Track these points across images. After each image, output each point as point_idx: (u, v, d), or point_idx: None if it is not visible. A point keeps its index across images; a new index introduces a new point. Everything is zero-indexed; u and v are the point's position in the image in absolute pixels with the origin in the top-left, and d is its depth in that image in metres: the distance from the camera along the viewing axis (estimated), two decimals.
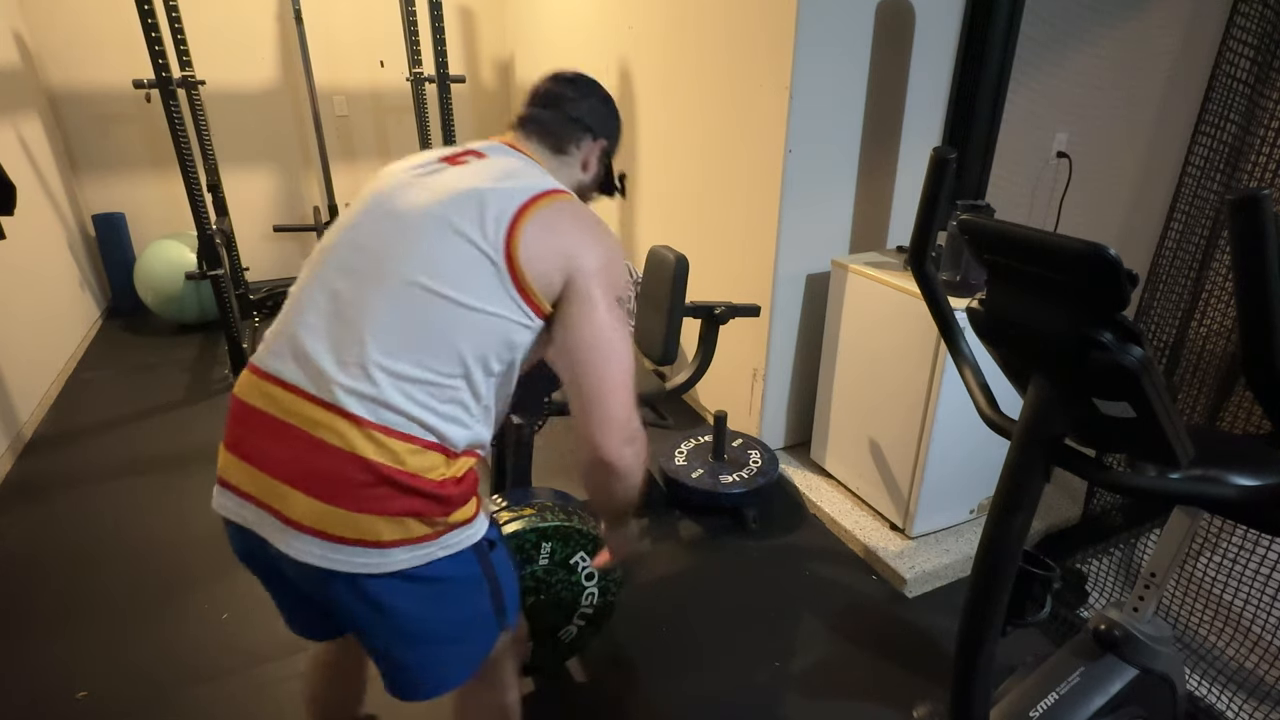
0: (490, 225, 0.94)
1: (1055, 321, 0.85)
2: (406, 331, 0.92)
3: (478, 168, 1.02)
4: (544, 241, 0.95)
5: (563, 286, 0.97)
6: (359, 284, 0.94)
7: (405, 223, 0.96)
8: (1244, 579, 1.72)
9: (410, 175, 1.03)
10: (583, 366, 0.97)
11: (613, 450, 1.00)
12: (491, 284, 0.93)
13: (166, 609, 1.99)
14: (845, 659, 1.85)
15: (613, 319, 0.98)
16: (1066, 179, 2.70)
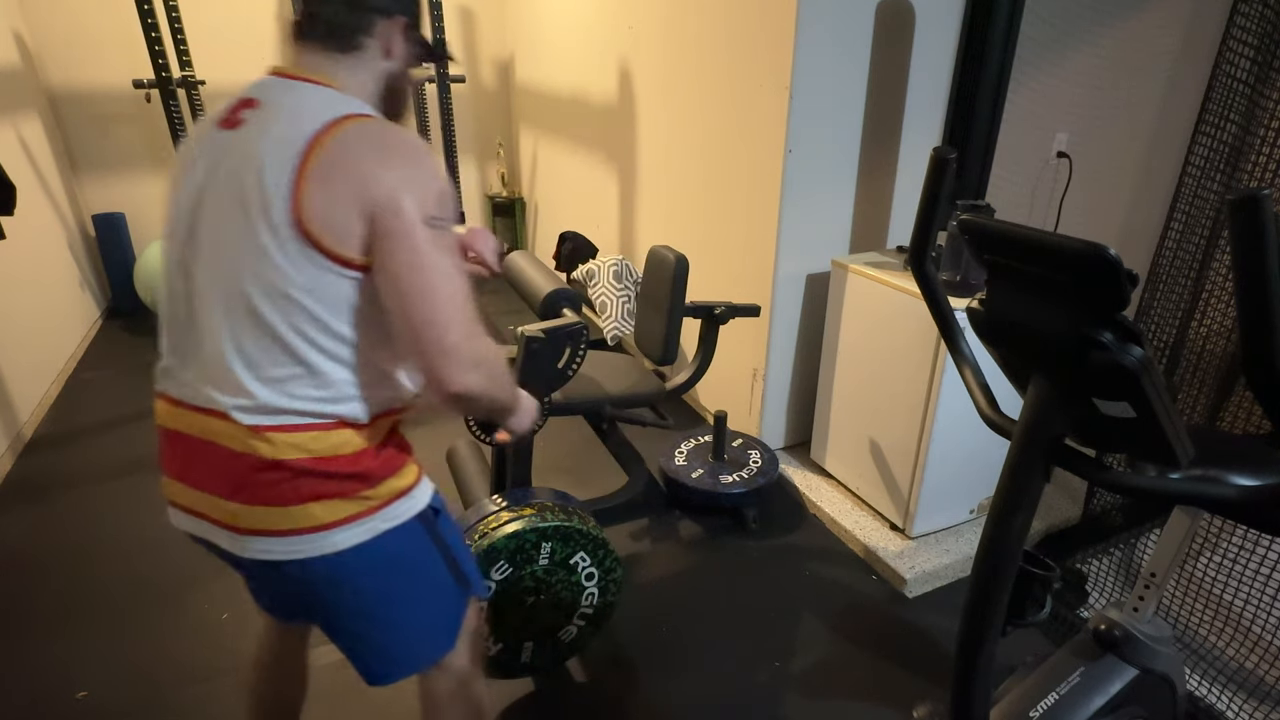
0: (277, 206, 0.86)
1: (1055, 321, 0.85)
2: (250, 338, 0.90)
3: (251, 129, 0.90)
4: (328, 193, 0.86)
5: (368, 227, 0.87)
6: (196, 304, 0.93)
7: (206, 232, 0.91)
8: (1244, 579, 1.72)
9: (196, 164, 0.93)
10: (406, 301, 0.88)
11: (457, 381, 0.91)
12: (296, 260, 0.87)
13: (166, 609, 1.99)
14: (845, 659, 1.85)
15: (428, 243, 0.88)
16: (1066, 179, 2.70)
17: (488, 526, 1.56)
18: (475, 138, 5.10)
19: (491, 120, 5.11)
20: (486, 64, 4.94)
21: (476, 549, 1.51)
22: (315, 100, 0.92)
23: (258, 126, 0.90)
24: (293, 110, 0.90)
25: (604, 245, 3.78)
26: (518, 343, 1.71)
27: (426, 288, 0.88)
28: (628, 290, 3.22)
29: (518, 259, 2.08)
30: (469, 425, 1.88)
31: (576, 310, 1.84)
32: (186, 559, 2.18)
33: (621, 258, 3.29)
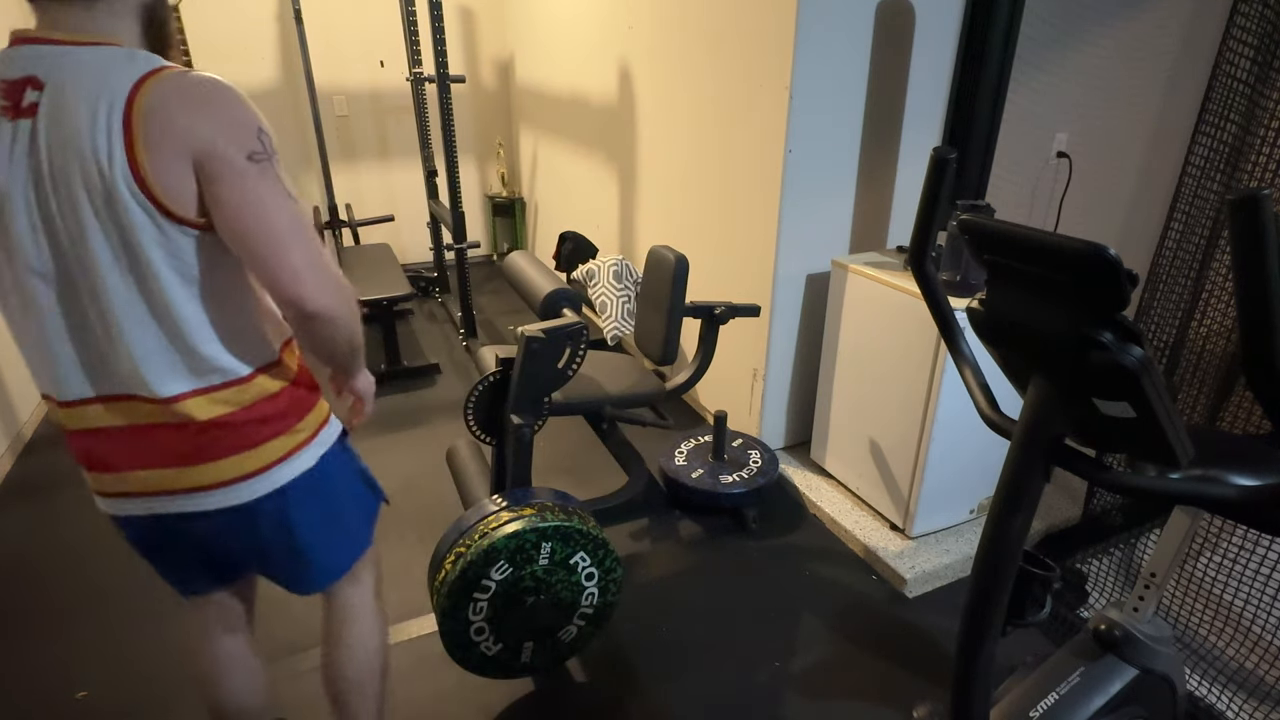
0: (121, 187, 0.85)
1: (1055, 321, 0.85)
2: (134, 320, 0.92)
3: (53, 113, 0.84)
4: (160, 161, 0.85)
5: (197, 179, 0.87)
6: (63, 306, 0.92)
7: (53, 235, 0.88)
8: (1244, 579, 1.72)
9: (3, 165, 0.86)
10: (248, 237, 0.89)
11: (312, 299, 0.92)
12: (154, 232, 0.88)
13: (166, 609, 1.99)
14: (845, 659, 1.85)
15: (255, 179, 0.88)
16: (1066, 179, 2.71)
17: (488, 526, 1.56)
18: (475, 138, 5.10)
19: (491, 120, 5.11)
20: (486, 64, 4.94)
21: (476, 549, 1.51)
22: (101, 64, 0.85)
23: (58, 109, 0.84)
24: (86, 83, 0.84)
25: (604, 245, 3.78)
26: (518, 343, 1.71)
27: (264, 218, 0.89)
28: (628, 290, 3.22)
29: (518, 259, 2.08)
30: (469, 425, 1.88)
31: (576, 310, 1.84)
32: None
33: (621, 258, 3.30)
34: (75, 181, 0.85)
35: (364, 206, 4.74)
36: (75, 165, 0.84)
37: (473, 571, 1.50)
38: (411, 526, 2.34)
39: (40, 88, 0.84)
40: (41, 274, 0.90)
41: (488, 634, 1.58)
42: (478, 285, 4.79)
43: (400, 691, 1.74)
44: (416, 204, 4.80)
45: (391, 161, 4.82)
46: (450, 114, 3.44)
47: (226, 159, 0.86)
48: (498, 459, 1.97)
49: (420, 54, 3.80)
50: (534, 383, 1.76)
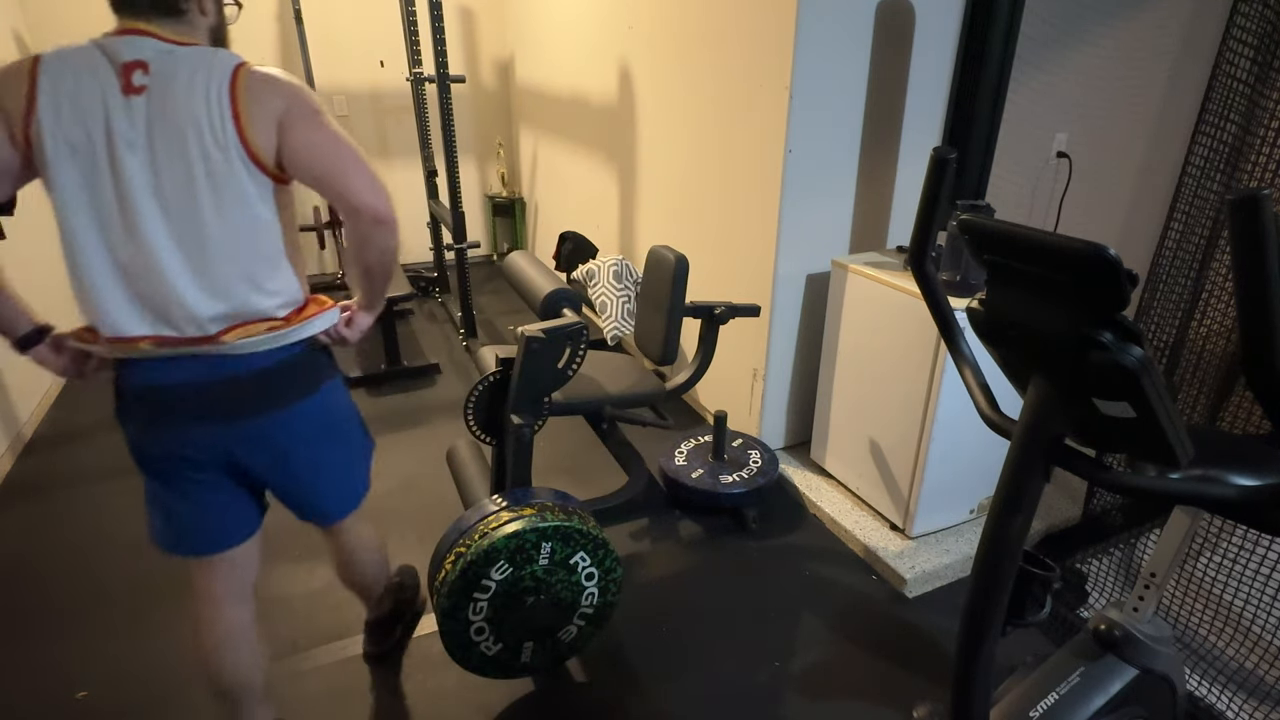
0: (232, 148, 1.10)
1: (1055, 321, 0.85)
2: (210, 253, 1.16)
3: (163, 91, 1.08)
4: (256, 127, 1.11)
5: (278, 136, 1.13)
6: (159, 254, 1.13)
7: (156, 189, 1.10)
8: (1244, 579, 1.72)
9: (111, 133, 1.08)
10: (330, 160, 1.15)
11: (384, 205, 1.19)
12: (251, 183, 1.14)
13: (166, 609, 1.99)
14: (845, 659, 1.85)
15: (322, 123, 1.16)
16: (1066, 179, 2.70)
17: (488, 526, 1.56)
18: (475, 138, 5.10)
19: (491, 120, 5.11)
20: (486, 64, 4.95)
21: (476, 549, 1.51)
22: (199, 59, 1.10)
23: (166, 90, 1.08)
24: (191, 72, 1.09)
25: (604, 245, 3.78)
26: (518, 343, 1.71)
27: (338, 149, 1.16)
28: (628, 290, 3.22)
29: (518, 259, 2.08)
30: (469, 425, 1.88)
31: (576, 310, 1.84)
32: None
33: (621, 258, 3.29)
34: (188, 141, 1.08)
35: None
36: (188, 130, 1.08)
37: (473, 571, 1.50)
38: (411, 526, 2.34)
39: (148, 72, 1.08)
40: (155, 211, 1.10)
41: (488, 634, 1.58)
42: (478, 285, 4.79)
43: (400, 691, 1.74)
44: (416, 204, 4.80)
45: (392, 161, 4.82)
46: (450, 114, 3.44)
47: (300, 114, 1.13)
48: (498, 459, 1.97)
49: (420, 54, 3.80)
50: (534, 383, 1.76)
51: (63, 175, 1.08)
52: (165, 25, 1.12)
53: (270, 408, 1.24)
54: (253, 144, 1.11)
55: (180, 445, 1.22)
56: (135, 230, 1.10)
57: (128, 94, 1.07)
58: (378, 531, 1.65)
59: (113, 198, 1.09)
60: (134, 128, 1.07)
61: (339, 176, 1.16)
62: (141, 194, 1.09)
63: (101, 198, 1.09)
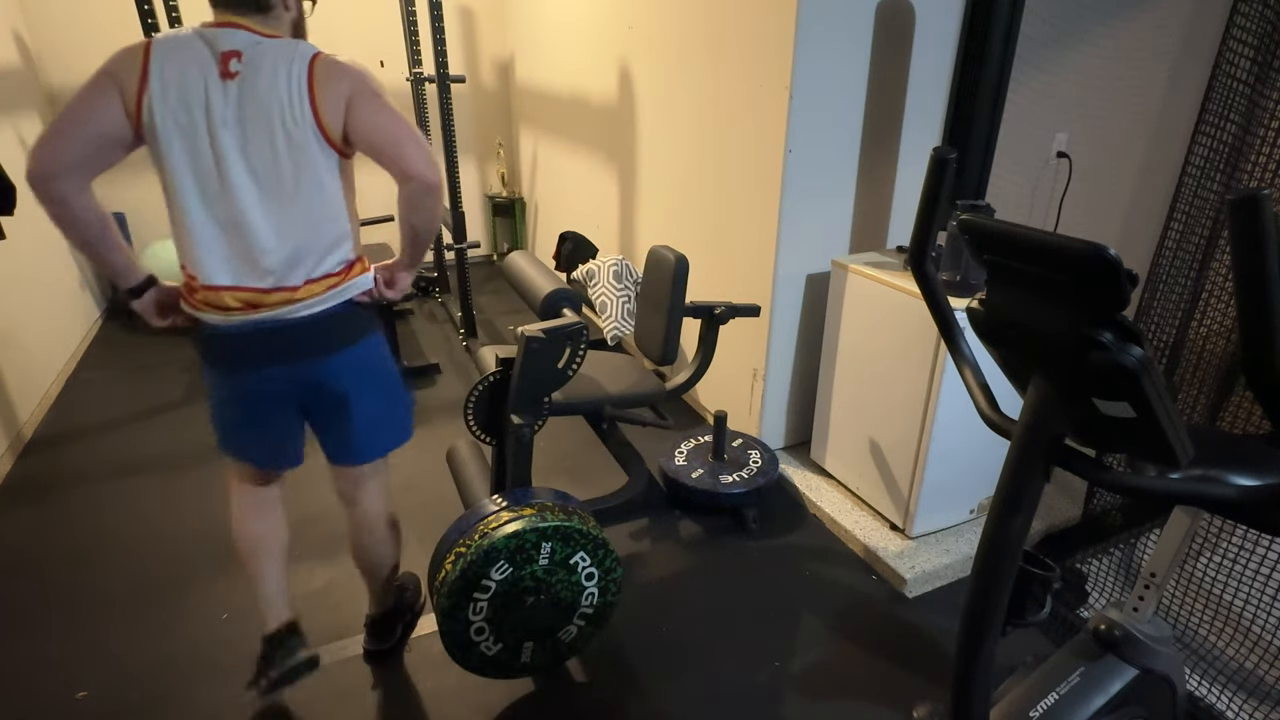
0: (305, 123, 1.29)
1: (1055, 321, 0.85)
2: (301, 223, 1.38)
3: (252, 76, 1.28)
4: (327, 106, 1.30)
5: (345, 115, 1.31)
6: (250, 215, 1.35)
7: (244, 156, 1.31)
8: (1244, 579, 1.72)
9: (211, 111, 1.28)
10: (388, 133, 1.33)
11: (433, 174, 1.35)
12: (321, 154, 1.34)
13: (166, 609, 1.99)
14: (845, 659, 1.85)
15: (383, 103, 1.34)
16: (1066, 179, 2.71)
17: (488, 526, 1.56)
18: (475, 138, 5.10)
19: (491, 120, 5.11)
20: (486, 64, 4.95)
21: (476, 549, 1.51)
22: (283, 50, 1.29)
23: (254, 75, 1.27)
24: (276, 61, 1.28)
25: (604, 245, 3.78)
26: (518, 343, 1.71)
27: (397, 125, 1.33)
28: (628, 290, 3.22)
29: (518, 259, 2.08)
30: (469, 425, 1.88)
31: (576, 310, 1.84)
32: (186, 559, 2.18)
33: (621, 258, 3.29)
34: (273, 119, 1.28)
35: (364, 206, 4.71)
36: (273, 110, 1.27)
37: (473, 571, 1.50)
38: (411, 526, 2.34)
39: (241, 60, 1.27)
40: (248, 182, 1.31)
41: (488, 634, 1.58)
42: (478, 285, 4.79)
43: (400, 691, 1.74)
44: None
45: None
46: (450, 114, 3.44)
47: (364, 95, 1.31)
48: (498, 459, 1.97)
49: (420, 54, 3.80)
50: (534, 383, 1.76)
51: (171, 147, 1.28)
52: (256, 19, 1.31)
53: (321, 353, 1.44)
54: (324, 121, 1.30)
55: (252, 381, 1.45)
56: (229, 195, 1.30)
57: (224, 79, 1.27)
58: (394, 512, 1.75)
59: (211, 166, 1.29)
60: (228, 108, 1.27)
61: (395, 146, 1.33)
62: (234, 164, 1.29)
63: (202, 166, 1.29)
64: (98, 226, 1.34)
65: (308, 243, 1.36)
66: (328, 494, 2.43)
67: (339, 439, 1.57)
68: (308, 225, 1.36)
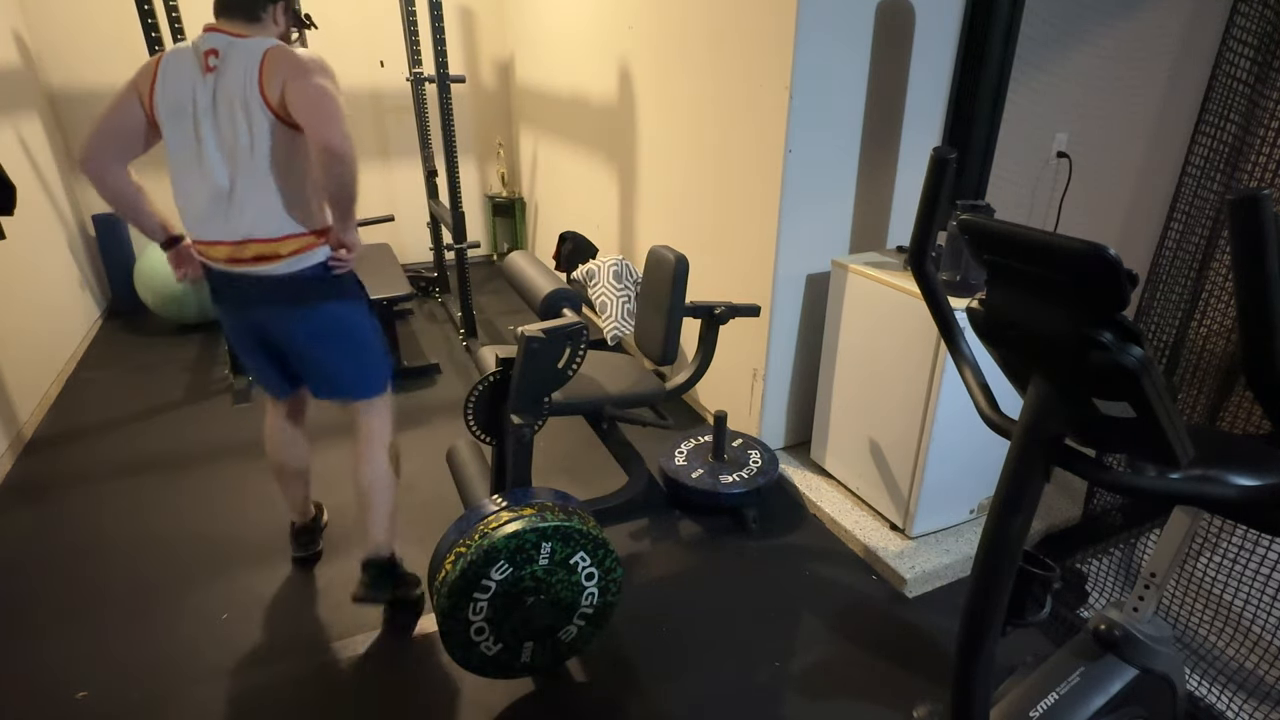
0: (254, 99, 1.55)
1: (1055, 321, 0.85)
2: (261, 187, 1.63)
3: (224, 69, 1.55)
4: (271, 83, 1.54)
5: (283, 91, 1.54)
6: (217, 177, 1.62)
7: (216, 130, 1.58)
8: (1244, 579, 1.72)
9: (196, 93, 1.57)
10: (311, 104, 1.53)
11: (338, 142, 1.53)
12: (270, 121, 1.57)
13: (166, 609, 1.99)
14: (845, 659, 1.85)
15: (316, 81, 1.54)
16: (1066, 179, 2.71)
17: (488, 526, 1.56)
18: (475, 138, 5.10)
19: (491, 120, 5.11)
20: (486, 64, 4.95)
21: (476, 549, 1.51)
22: (249, 46, 1.56)
23: (226, 69, 1.55)
24: (240, 54, 1.55)
25: (604, 245, 3.78)
26: (518, 343, 1.71)
27: (323, 98, 1.54)
28: (628, 290, 3.22)
29: (518, 259, 2.08)
30: (469, 425, 1.88)
31: (576, 310, 1.84)
32: (186, 559, 2.18)
33: (621, 258, 3.30)
34: (235, 101, 1.54)
35: (364, 206, 4.71)
36: (235, 95, 1.54)
37: (473, 571, 1.50)
38: (411, 526, 2.34)
39: (218, 56, 1.56)
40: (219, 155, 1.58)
41: (488, 634, 1.58)
42: (478, 285, 4.80)
43: (401, 691, 1.74)
44: (416, 204, 4.80)
45: (391, 161, 4.82)
46: (450, 114, 3.44)
47: (297, 74, 1.54)
48: (498, 459, 1.97)
49: (420, 54, 3.80)
50: (534, 383, 1.76)
51: (170, 133, 1.60)
52: (241, 26, 1.59)
53: (298, 304, 1.70)
54: (267, 94, 1.55)
55: (238, 320, 1.78)
56: (205, 168, 1.59)
57: (205, 73, 1.56)
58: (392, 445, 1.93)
59: (194, 146, 1.58)
60: (206, 96, 1.56)
61: (313, 116, 1.54)
62: (209, 143, 1.57)
63: (187, 146, 1.59)
64: (130, 198, 1.69)
65: (268, 204, 1.61)
66: (326, 497, 2.43)
67: (313, 382, 1.87)
68: (266, 190, 1.61)
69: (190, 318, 3.93)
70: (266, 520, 2.35)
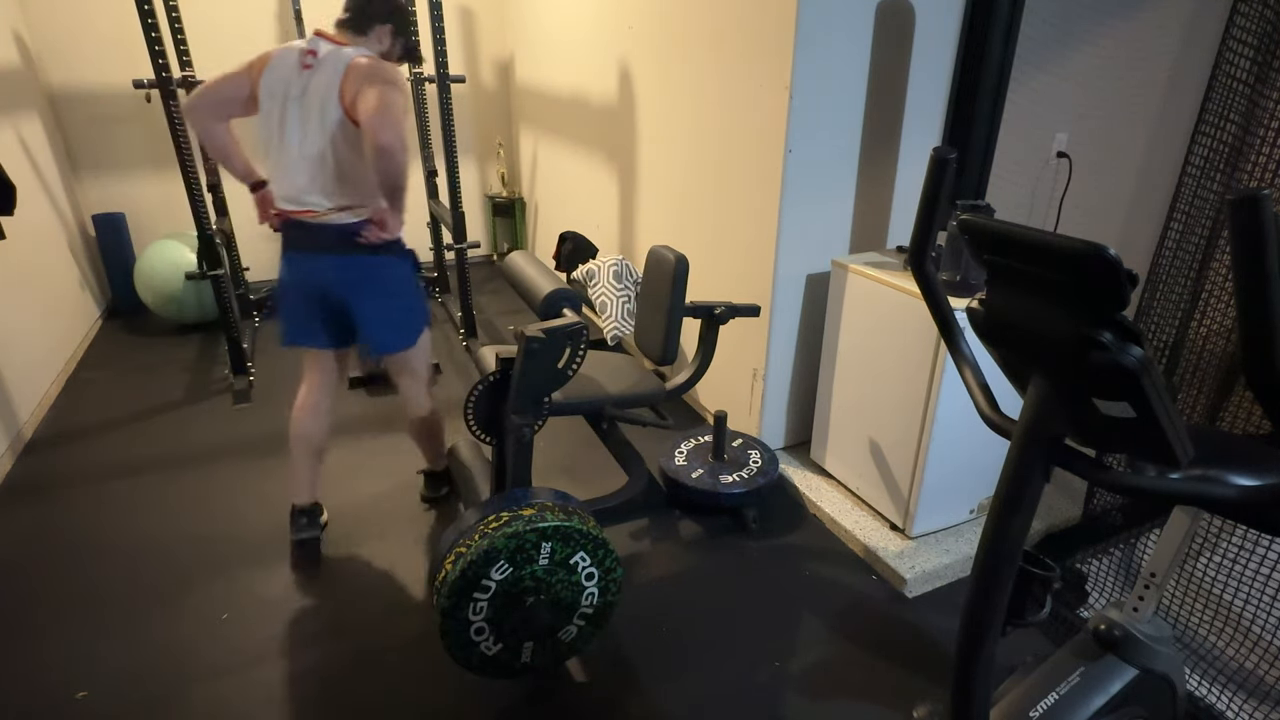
0: (333, 100, 1.85)
1: (1055, 321, 0.85)
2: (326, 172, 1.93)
3: (318, 69, 1.86)
4: (350, 85, 1.83)
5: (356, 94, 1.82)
6: (294, 157, 1.93)
7: (302, 117, 1.89)
8: (1244, 579, 1.72)
9: (291, 85, 1.88)
10: (372, 108, 1.77)
11: (388, 138, 1.76)
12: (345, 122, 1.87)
13: (166, 609, 1.99)
14: (845, 659, 1.85)
15: (380, 91, 1.79)
16: (1066, 179, 2.71)
17: (488, 526, 1.56)
18: (475, 138, 5.10)
19: (491, 120, 5.11)
20: (486, 64, 4.94)
21: (476, 549, 1.51)
22: (341, 55, 1.87)
23: (320, 68, 1.86)
24: (332, 61, 1.87)
25: (604, 245, 3.78)
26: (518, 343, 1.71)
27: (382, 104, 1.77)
28: (628, 290, 3.22)
29: (518, 259, 2.08)
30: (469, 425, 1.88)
31: (576, 310, 1.84)
32: (186, 559, 2.18)
33: (621, 258, 3.30)
34: (316, 99, 1.86)
35: None
36: (321, 92, 1.85)
37: (473, 571, 1.50)
38: (411, 527, 2.34)
39: (315, 58, 1.88)
40: (296, 136, 1.89)
41: (488, 634, 1.58)
42: (478, 285, 4.79)
43: (401, 691, 1.74)
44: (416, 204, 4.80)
45: None
46: (450, 114, 3.44)
47: (366, 83, 1.81)
48: (498, 459, 1.97)
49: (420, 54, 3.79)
50: (534, 383, 1.76)
51: (263, 109, 1.91)
52: (347, 36, 1.94)
53: (347, 252, 1.96)
54: (344, 95, 1.84)
55: (301, 268, 2.02)
56: (287, 145, 1.90)
57: (302, 70, 1.88)
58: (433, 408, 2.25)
59: (279, 124, 1.90)
60: (298, 88, 1.87)
61: (367, 116, 1.78)
62: (291, 126, 1.89)
63: (275, 124, 1.90)
64: (221, 145, 2.01)
65: (328, 184, 1.92)
66: (326, 497, 2.43)
67: (360, 330, 2.07)
68: (325, 170, 1.91)
69: (190, 318, 3.93)
70: (266, 520, 2.35)
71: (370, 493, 2.52)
